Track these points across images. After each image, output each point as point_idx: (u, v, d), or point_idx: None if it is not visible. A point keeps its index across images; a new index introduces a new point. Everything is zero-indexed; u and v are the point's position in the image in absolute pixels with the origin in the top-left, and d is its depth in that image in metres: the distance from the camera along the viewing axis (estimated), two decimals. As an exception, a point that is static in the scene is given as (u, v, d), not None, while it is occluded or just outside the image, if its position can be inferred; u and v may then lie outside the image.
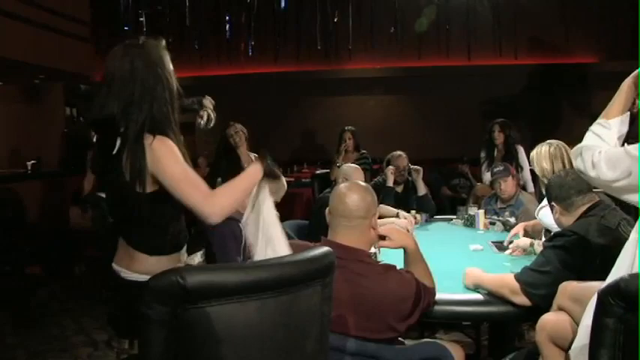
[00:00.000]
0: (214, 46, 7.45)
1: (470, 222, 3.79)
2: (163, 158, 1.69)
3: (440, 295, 2.05)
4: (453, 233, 3.72)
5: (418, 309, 1.90)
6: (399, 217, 3.58)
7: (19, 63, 5.58)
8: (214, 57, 7.36)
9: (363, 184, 2.08)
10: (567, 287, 1.92)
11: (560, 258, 2.03)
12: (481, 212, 3.79)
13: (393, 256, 2.17)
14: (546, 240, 2.32)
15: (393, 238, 2.04)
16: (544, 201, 2.80)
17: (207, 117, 2.11)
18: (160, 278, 1.16)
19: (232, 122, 4.66)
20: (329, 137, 5.86)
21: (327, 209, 2.01)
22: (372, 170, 5.39)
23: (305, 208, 5.69)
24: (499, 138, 4.99)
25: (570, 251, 2.03)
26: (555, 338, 1.88)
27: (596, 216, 2.14)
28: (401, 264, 2.04)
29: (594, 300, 1.35)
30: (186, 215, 1.88)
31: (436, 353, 1.93)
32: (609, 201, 2.25)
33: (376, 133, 6.85)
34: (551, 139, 3.01)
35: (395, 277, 1.90)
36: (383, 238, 2.04)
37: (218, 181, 3.78)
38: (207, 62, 7.29)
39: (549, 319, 1.92)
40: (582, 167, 1.74)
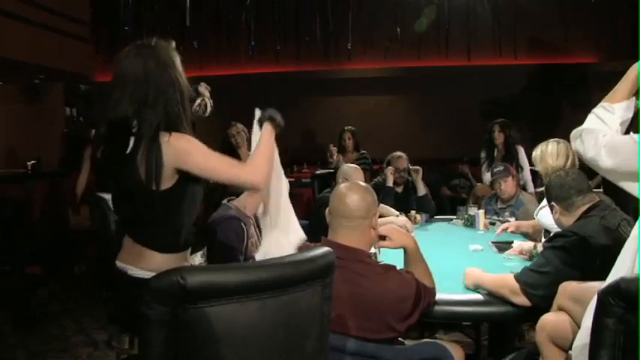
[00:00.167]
0: (214, 46, 7.45)
1: (470, 222, 3.79)
2: (189, 150, 1.75)
3: (440, 296, 2.05)
4: (453, 233, 3.72)
5: (418, 309, 1.91)
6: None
7: (19, 63, 5.58)
8: (214, 57, 7.36)
9: (364, 185, 2.08)
10: (567, 287, 1.92)
11: (560, 258, 2.03)
12: (481, 212, 3.79)
13: (393, 256, 2.17)
14: (546, 240, 2.32)
15: (393, 238, 2.04)
16: (543, 202, 2.80)
17: (203, 105, 2.12)
18: (160, 278, 1.16)
19: (234, 122, 4.64)
20: (329, 137, 5.84)
21: (328, 209, 2.01)
22: (372, 170, 5.39)
23: (305, 208, 5.67)
24: (499, 138, 4.99)
25: (570, 252, 2.02)
26: (555, 338, 1.88)
27: (596, 216, 2.13)
28: (401, 264, 2.04)
29: (595, 301, 1.35)
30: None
31: (436, 353, 1.93)
32: (609, 201, 2.25)
33: (376, 133, 6.84)
34: (550, 139, 3.02)
35: (395, 278, 1.91)
36: (383, 239, 2.05)
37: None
38: (207, 62, 7.27)
39: (549, 320, 1.92)
40: (581, 149, 1.71)
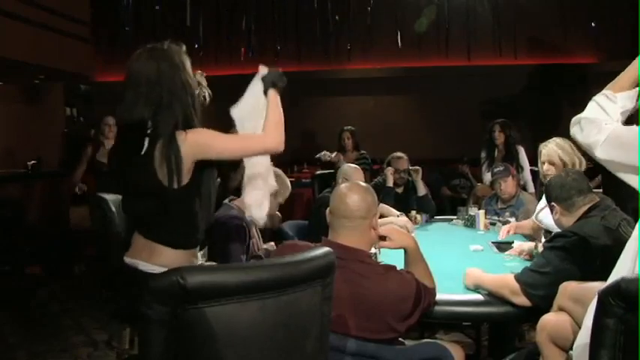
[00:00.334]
0: (214, 46, 7.45)
1: (470, 222, 3.79)
2: (206, 140, 1.82)
3: (440, 296, 2.05)
4: (454, 234, 3.72)
5: (418, 309, 1.90)
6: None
7: (19, 63, 5.57)
8: (214, 57, 7.35)
9: (364, 185, 2.08)
10: (568, 288, 1.92)
11: (560, 259, 2.03)
12: (481, 212, 3.79)
13: (394, 257, 2.17)
14: (546, 241, 2.32)
15: (394, 239, 2.04)
16: (542, 202, 2.80)
17: (202, 95, 2.15)
18: (160, 278, 1.16)
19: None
20: (329, 137, 5.85)
21: (328, 209, 2.01)
22: (372, 170, 5.39)
23: (305, 208, 5.68)
24: (499, 138, 4.99)
25: (570, 252, 2.02)
26: (556, 338, 1.88)
27: (596, 216, 2.13)
28: (401, 264, 2.03)
29: (595, 301, 1.35)
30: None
31: (436, 353, 1.92)
32: (610, 201, 2.24)
33: (376, 133, 6.83)
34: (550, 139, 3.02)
35: (395, 278, 1.90)
36: (383, 239, 2.04)
37: (218, 182, 3.76)
38: (207, 62, 7.27)
39: (550, 320, 1.92)
40: (580, 137, 1.70)
